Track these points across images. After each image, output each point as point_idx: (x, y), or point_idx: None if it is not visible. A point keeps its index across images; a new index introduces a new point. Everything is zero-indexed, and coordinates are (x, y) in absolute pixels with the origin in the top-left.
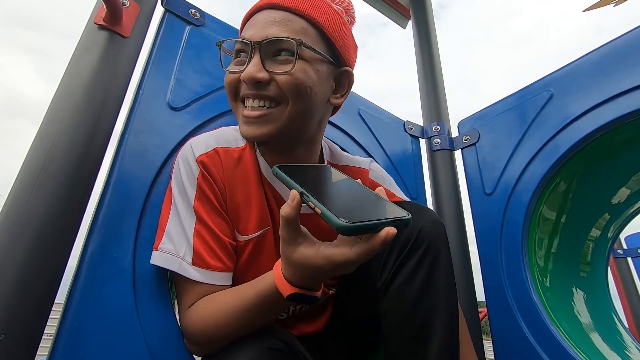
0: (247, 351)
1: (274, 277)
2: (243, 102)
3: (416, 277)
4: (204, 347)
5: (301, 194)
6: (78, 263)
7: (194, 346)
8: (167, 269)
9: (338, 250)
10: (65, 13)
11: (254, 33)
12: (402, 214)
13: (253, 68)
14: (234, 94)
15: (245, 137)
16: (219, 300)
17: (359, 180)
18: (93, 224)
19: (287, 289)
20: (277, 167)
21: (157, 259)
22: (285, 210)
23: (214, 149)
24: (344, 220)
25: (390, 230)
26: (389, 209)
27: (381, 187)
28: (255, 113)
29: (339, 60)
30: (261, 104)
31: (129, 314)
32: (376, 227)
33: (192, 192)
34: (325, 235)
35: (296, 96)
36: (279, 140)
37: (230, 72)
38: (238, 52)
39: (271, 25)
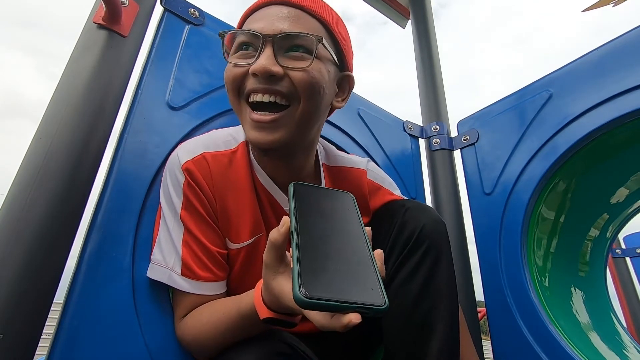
0: (250, 355)
1: (254, 298)
2: (247, 99)
3: (417, 276)
4: (200, 355)
5: (291, 232)
6: (77, 262)
7: (192, 353)
8: None
9: None
10: (65, 12)
11: (264, 26)
12: (378, 301)
13: (267, 61)
14: (237, 90)
15: (255, 143)
16: (206, 319)
17: (368, 230)
18: (92, 223)
19: (263, 312)
20: (294, 184)
21: (150, 271)
22: (273, 235)
23: (201, 155)
24: (302, 290)
25: (353, 319)
26: (370, 286)
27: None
28: (268, 117)
29: (343, 64)
30: (271, 98)
31: (128, 313)
32: (338, 310)
33: (178, 202)
34: None
35: (309, 95)
36: (287, 146)
37: (235, 66)
38: (242, 45)
39: (283, 20)
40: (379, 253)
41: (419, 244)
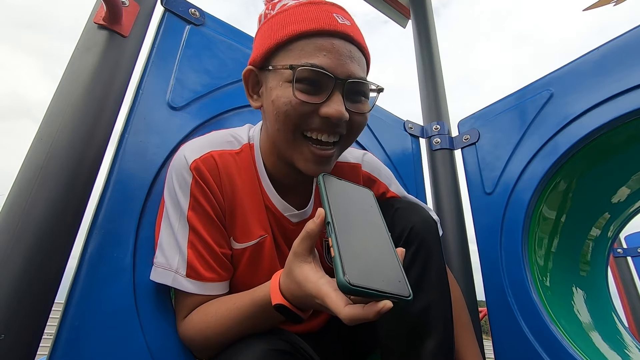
0: (251, 352)
1: (270, 283)
2: (303, 133)
3: (408, 276)
4: (203, 353)
5: (327, 223)
6: (78, 263)
7: (195, 351)
8: None
9: (334, 298)
10: (66, 13)
11: (334, 66)
12: (406, 293)
13: (341, 107)
14: (297, 124)
15: (311, 174)
16: (212, 310)
17: (386, 231)
18: (93, 223)
19: (277, 298)
20: (323, 176)
21: (153, 273)
22: (309, 226)
23: (208, 153)
24: (347, 278)
25: (387, 304)
26: (397, 279)
27: (402, 250)
28: (329, 152)
29: None
30: (335, 139)
31: (129, 313)
32: (374, 297)
33: (185, 203)
34: None
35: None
36: None
37: (302, 103)
38: (308, 79)
39: (350, 61)
40: (401, 251)
41: (408, 245)
